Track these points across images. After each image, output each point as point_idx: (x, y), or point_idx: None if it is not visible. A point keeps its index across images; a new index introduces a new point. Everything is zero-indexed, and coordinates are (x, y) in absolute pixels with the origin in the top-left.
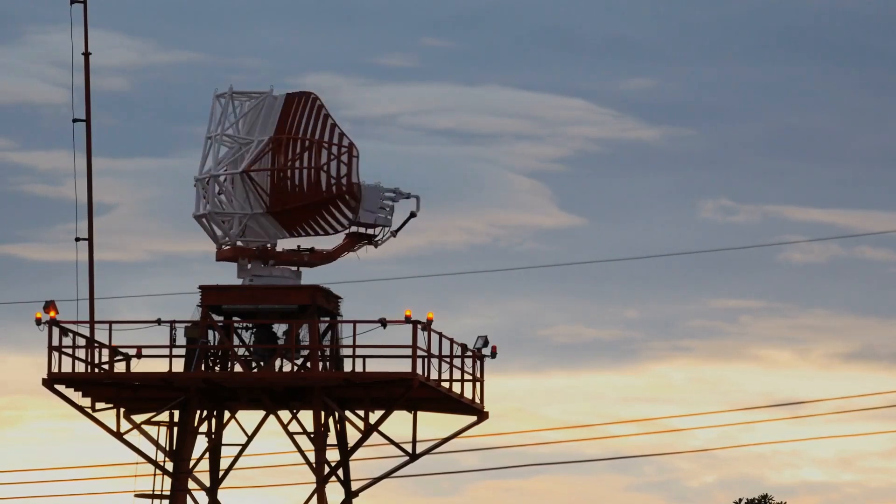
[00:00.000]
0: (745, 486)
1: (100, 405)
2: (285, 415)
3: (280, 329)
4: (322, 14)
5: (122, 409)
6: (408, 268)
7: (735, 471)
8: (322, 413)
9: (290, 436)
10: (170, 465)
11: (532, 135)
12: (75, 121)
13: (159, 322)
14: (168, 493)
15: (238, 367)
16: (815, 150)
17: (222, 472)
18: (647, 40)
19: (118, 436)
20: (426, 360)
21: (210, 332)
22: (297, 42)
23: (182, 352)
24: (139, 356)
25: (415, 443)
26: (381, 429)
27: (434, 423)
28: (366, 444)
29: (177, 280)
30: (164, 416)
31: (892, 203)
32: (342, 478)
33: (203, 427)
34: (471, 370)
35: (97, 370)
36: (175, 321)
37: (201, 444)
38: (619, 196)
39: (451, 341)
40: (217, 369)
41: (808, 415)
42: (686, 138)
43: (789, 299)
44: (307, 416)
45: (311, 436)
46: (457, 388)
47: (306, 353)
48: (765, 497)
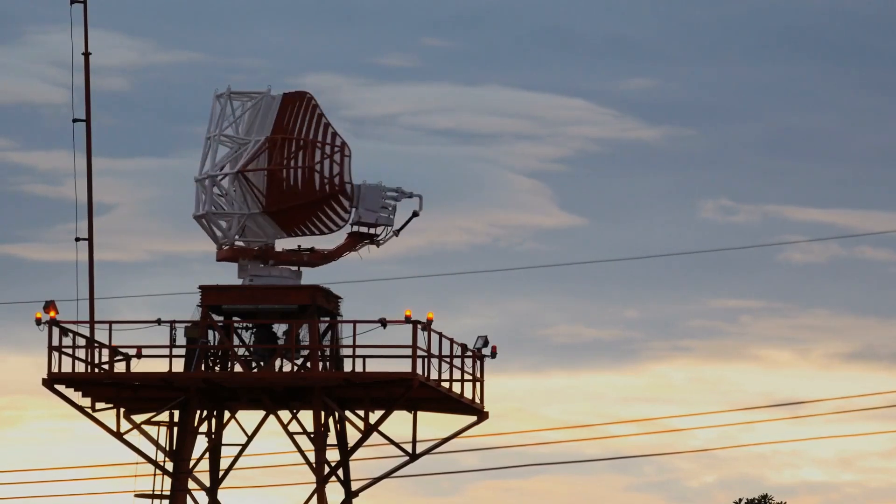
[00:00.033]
0: (745, 486)
1: (100, 405)
2: (285, 415)
3: (280, 329)
4: (322, 14)
5: (122, 409)
6: (408, 268)
7: (735, 471)
8: (322, 413)
9: (290, 436)
10: (170, 465)
11: (532, 135)
12: (75, 121)
13: (159, 322)
14: (168, 493)
15: (238, 367)
16: (815, 150)
17: (222, 472)
18: (647, 40)
19: (118, 436)
20: (426, 360)
21: (210, 332)
22: (297, 42)
23: (182, 352)
24: (139, 356)
25: (415, 443)
26: (381, 429)
27: (434, 423)
28: (366, 444)
29: (177, 280)
30: (164, 416)
31: (892, 203)
32: (342, 478)
33: (203, 427)
34: (471, 370)
35: (97, 370)
36: (175, 321)
37: (201, 444)
38: (620, 196)
39: (451, 341)
40: (217, 369)
41: (808, 415)
42: (686, 138)
43: (789, 299)
44: (307, 416)
45: (311, 436)
46: (457, 388)
47: (306, 353)
48: (765, 497)
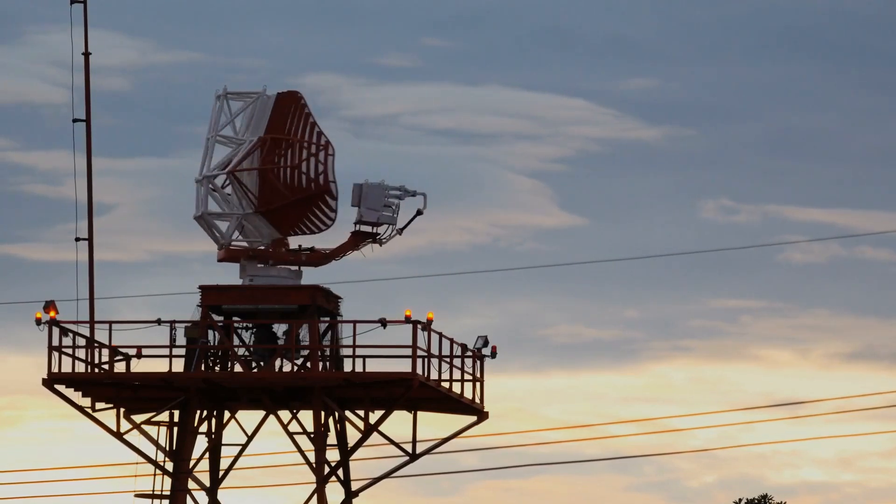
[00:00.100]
0: (745, 486)
1: (100, 405)
2: (285, 415)
3: (280, 329)
4: (322, 14)
5: (122, 409)
6: (408, 268)
7: (735, 471)
8: (322, 413)
9: (290, 436)
10: (170, 465)
11: (533, 135)
12: (75, 121)
13: (159, 322)
14: (168, 493)
15: (238, 367)
16: (815, 150)
17: (222, 472)
18: (647, 40)
19: (118, 436)
20: (426, 360)
21: (210, 332)
22: (297, 42)
23: (182, 352)
24: (139, 356)
25: (415, 443)
26: (381, 429)
27: (434, 423)
28: (366, 444)
29: (177, 280)
30: (164, 416)
31: (892, 203)
32: (342, 478)
33: (203, 427)
34: (471, 370)
35: (97, 370)
36: (175, 321)
37: (201, 444)
38: (620, 196)
39: (451, 341)
40: (217, 369)
41: (808, 415)
42: (686, 138)
43: (789, 299)
44: (307, 416)
45: (311, 436)
46: (457, 388)
47: (306, 353)
48: (765, 497)
